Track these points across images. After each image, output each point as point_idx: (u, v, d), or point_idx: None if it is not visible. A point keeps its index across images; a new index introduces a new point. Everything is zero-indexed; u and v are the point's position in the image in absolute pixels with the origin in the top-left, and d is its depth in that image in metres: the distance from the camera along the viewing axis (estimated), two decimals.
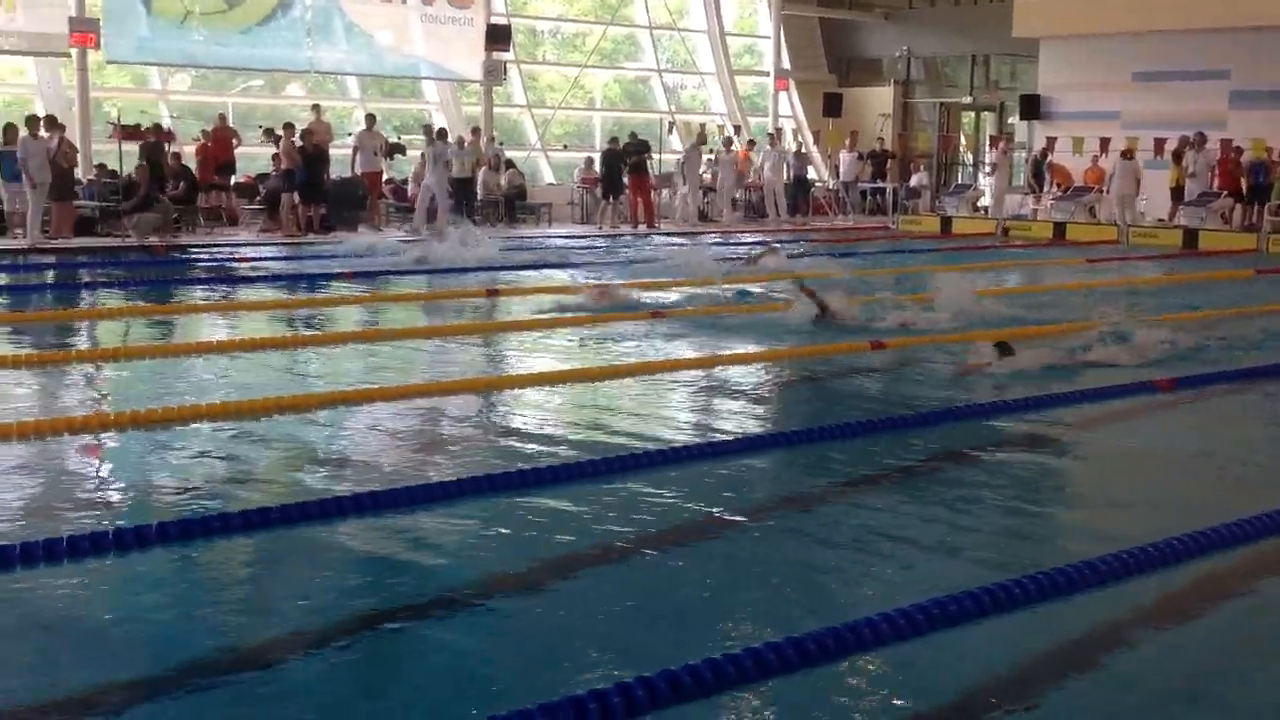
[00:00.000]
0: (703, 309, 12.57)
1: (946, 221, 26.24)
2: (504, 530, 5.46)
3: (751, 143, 28.85)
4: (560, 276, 15.53)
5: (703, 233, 24.45)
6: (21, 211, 18.99)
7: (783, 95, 31.86)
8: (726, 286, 14.17)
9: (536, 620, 4.52)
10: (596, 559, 5.14)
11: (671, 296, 13.62)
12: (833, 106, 29.88)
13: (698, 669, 3.82)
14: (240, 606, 4.66)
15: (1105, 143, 25.44)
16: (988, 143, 29.66)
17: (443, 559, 5.11)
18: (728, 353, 10.22)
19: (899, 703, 3.89)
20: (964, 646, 4.30)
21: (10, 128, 18.94)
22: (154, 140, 20.67)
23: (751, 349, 10.43)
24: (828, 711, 3.84)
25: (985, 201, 27.65)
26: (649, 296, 13.40)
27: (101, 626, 4.42)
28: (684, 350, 10.32)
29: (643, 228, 24.59)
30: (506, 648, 4.28)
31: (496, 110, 27.10)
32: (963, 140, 32.90)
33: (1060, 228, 24.59)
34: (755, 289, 14.17)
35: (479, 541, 5.34)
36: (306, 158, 21.06)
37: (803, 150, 30.10)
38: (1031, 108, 27.80)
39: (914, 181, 29.66)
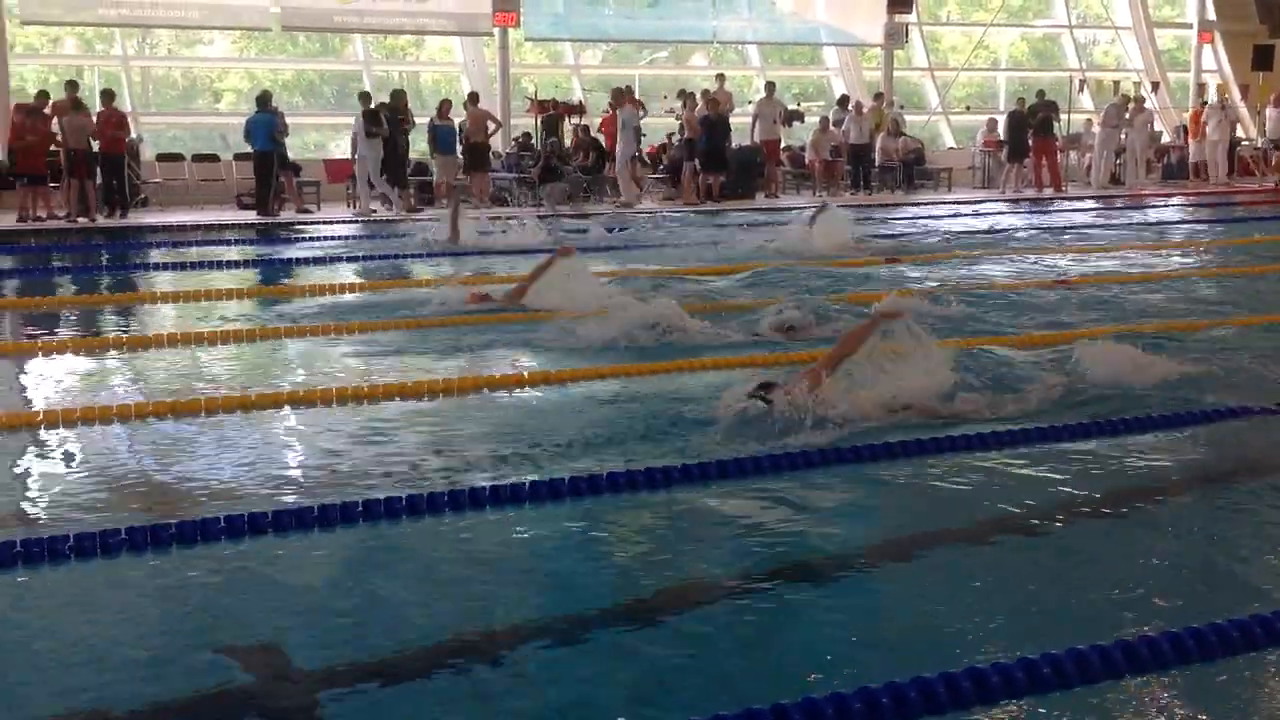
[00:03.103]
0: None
1: None
2: (885, 499, 5.45)
3: (1214, 104, 26.64)
4: None
5: (1114, 196, 23.29)
6: (444, 181, 20.51)
7: (1206, 48, 29.73)
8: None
9: (923, 590, 4.49)
10: (984, 534, 5.05)
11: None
12: (1263, 59, 27.59)
13: (1083, 654, 3.68)
14: (635, 561, 4.86)
15: None
16: None
17: (822, 525, 5.15)
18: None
19: None
20: None
21: (445, 103, 20.59)
22: (552, 113, 21.82)
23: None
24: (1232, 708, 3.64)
25: None
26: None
27: (522, 569, 4.75)
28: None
29: (1048, 191, 23.66)
30: (887, 615, 4.28)
31: (896, 73, 26.73)
32: None
33: None
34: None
35: (859, 509, 5.34)
36: (709, 126, 21.53)
37: (1227, 106, 28.01)
38: None
39: None
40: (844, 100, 24.43)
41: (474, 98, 21.18)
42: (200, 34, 24.63)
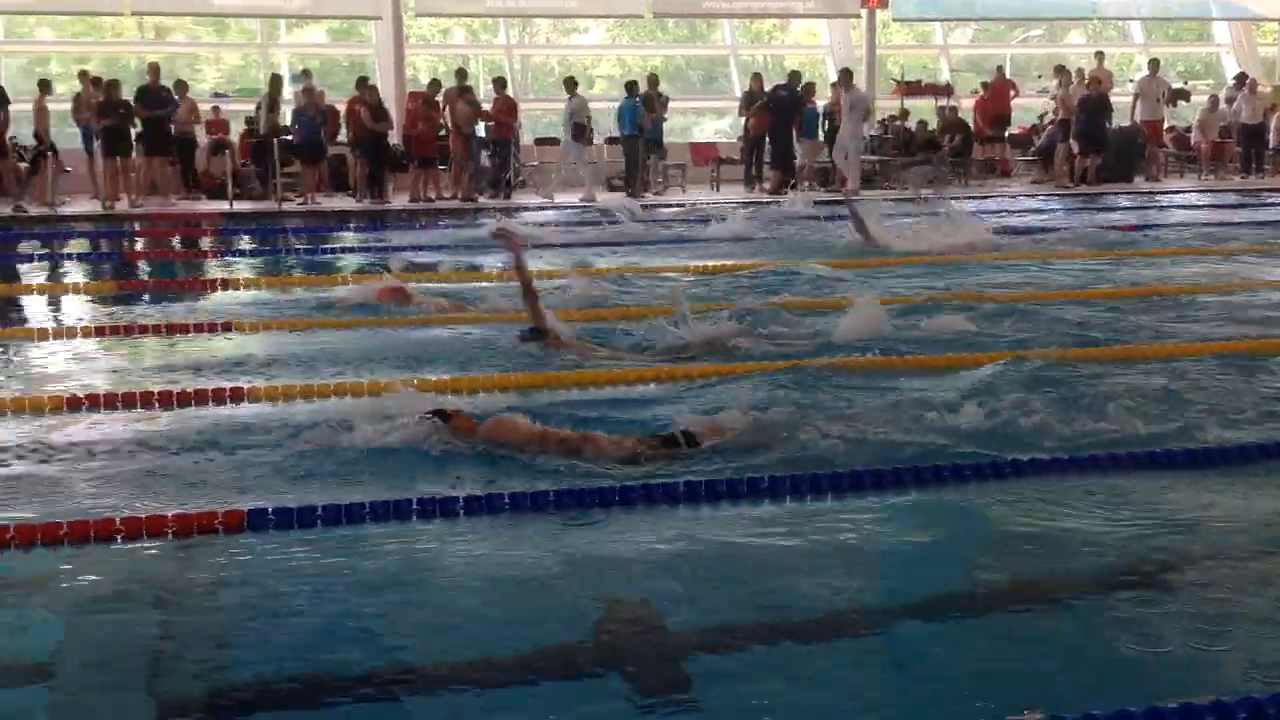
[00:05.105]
0: None
1: None
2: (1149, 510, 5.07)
3: None
4: None
5: None
6: (807, 165, 20.55)
7: None
8: None
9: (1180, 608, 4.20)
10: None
11: None
12: None
13: None
14: (890, 560, 4.76)
15: None
16: None
17: (1098, 528, 4.86)
18: None
19: None
20: None
21: (809, 86, 20.69)
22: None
23: None
24: None
25: None
26: None
27: (795, 560, 4.68)
28: None
29: None
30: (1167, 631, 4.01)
31: None
32: None
33: None
34: None
35: (1124, 519, 4.97)
36: (1087, 107, 20.56)
37: None
38: None
39: None
40: (1242, 78, 22.75)
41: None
42: (576, 22, 25.62)
